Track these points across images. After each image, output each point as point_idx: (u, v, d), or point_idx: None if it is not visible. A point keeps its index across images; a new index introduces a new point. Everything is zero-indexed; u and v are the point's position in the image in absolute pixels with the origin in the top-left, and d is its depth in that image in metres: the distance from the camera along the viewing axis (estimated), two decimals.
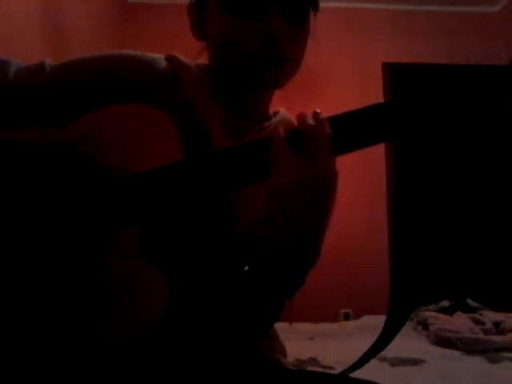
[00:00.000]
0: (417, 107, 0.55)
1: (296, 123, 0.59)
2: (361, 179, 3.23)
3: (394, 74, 3.57)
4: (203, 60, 0.78)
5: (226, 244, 0.68)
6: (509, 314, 2.23)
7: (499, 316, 2.19)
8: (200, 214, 0.64)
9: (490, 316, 2.20)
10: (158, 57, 0.75)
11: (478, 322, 2.12)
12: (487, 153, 3.46)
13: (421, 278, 0.59)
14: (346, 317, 3.17)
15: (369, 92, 3.24)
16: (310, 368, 1.49)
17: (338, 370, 1.33)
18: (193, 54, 0.79)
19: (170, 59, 0.75)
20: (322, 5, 0.75)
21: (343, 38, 3.61)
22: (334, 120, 0.57)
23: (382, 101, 0.57)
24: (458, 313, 2.31)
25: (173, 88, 0.73)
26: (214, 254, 0.68)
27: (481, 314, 2.25)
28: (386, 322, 0.60)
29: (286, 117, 0.81)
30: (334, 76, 3.52)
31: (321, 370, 1.50)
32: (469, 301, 2.54)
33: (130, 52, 0.75)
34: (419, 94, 0.55)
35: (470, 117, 0.54)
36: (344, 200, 1.24)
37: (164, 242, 0.60)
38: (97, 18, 2.84)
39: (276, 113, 0.81)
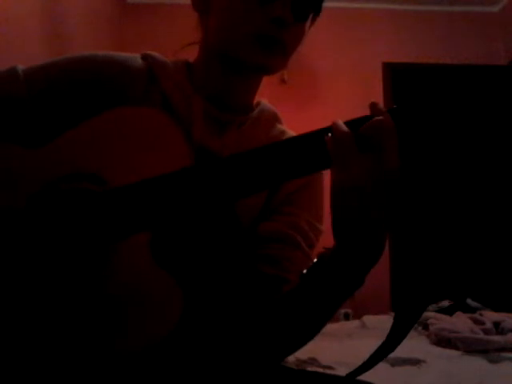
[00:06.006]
0: (417, 112, 0.55)
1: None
2: None
3: (394, 74, 3.57)
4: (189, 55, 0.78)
5: (234, 241, 0.68)
6: (509, 314, 2.23)
7: (499, 316, 2.18)
8: (209, 215, 0.63)
9: (489, 316, 2.19)
10: (133, 55, 0.76)
11: (478, 322, 2.11)
12: (487, 153, 3.45)
13: (424, 279, 0.59)
14: (346, 317, 3.17)
15: (369, 92, 3.24)
16: (309, 368, 1.48)
17: (338, 369, 1.32)
18: (193, 53, 0.80)
19: (146, 57, 0.76)
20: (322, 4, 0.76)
21: (343, 37, 3.61)
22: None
23: (382, 101, 0.57)
24: (458, 313, 2.30)
25: (150, 84, 0.73)
26: (224, 252, 0.68)
27: (481, 314, 2.24)
28: (394, 325, 0.59)
29: (266, 108, 0.81)
30: (334, 76, 3.52)
31: (321, 369, 1.49)
32: (469, 301, 2.54)
33: (104, 52, 0.75)
34: (420, 99, 0.55)
35: (469, 118, 0.54)
36: None
37: (175, 245, 0.59)
38: (97, 18, 2.84)
39: (258, 104, 0.82)
